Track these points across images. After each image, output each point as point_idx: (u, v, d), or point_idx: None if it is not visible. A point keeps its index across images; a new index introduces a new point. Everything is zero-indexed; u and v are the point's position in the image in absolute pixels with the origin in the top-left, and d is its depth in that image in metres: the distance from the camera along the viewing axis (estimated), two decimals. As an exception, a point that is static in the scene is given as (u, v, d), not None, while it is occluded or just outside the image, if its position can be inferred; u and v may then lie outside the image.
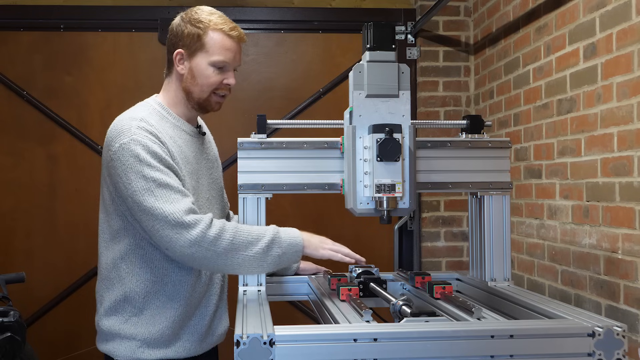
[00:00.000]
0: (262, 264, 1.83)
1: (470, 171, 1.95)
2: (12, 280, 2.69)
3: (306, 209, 3.65)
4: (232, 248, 1.79)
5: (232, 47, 1.95)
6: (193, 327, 1.95)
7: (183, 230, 1.75)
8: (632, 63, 2.09)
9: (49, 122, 3.60)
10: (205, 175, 2.03)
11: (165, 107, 1.98)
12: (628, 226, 2.11)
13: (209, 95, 1.96)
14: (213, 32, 1.92)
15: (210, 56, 1.92)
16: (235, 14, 3.65)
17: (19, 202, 3.56)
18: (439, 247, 3.65)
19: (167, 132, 1.92)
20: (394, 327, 1.44)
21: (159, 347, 1.90)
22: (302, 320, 3.51)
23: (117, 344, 1.92)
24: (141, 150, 1.79)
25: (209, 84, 1.94)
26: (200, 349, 1.97)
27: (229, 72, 1.96)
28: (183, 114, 2.00)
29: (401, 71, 1.75)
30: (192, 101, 1.97)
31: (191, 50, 1.93)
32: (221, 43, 1.93)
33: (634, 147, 2.08)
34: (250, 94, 3.67)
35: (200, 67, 1.93)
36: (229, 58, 1.94)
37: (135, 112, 1.93)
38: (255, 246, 1.80)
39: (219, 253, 1.78)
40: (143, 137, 1.81)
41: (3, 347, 2.30)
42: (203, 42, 1.92)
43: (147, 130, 1.83)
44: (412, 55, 3.67)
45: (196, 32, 1.92)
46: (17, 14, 3.58)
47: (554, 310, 1.58)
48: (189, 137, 2.00)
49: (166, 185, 1.78)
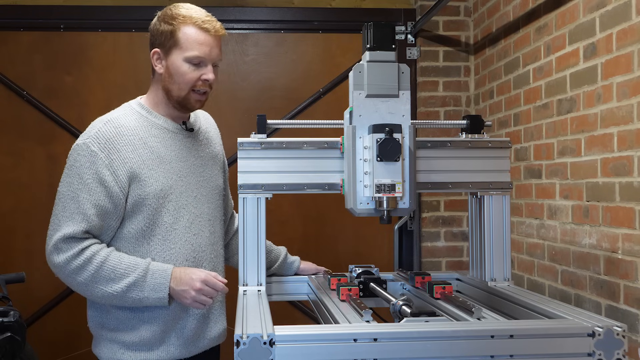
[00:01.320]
0: (123, 302, 1.86)
1: (470, 171, 1.95)
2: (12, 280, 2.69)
3: (306, 209, 3.65)
4: (92, 281, 1.83)
5: (207, 41, 1.90)
6: (179, 331, 1.94)
7: (54, 251, 1.85)
8: (632, 63, 2.09)
9: (49, 122, 3.60)
10: (193, 173, 2.00)
11: (145, 106, 1.98)
12: (628, 226, 2.11)
13: (187, 93, 1.93)
14: (185, 27, 1.89)
15: (184, 52, 1.89)
16: (235, 14, 3.65)
17: (19, 202, 3.56)
18: (439, 247, 3.65)
19: (138, 132, 1.92)
20: (394, 327, 1.44)
21: (140, 349, 1.91)
22: (302, 320, 3.51)
23: (102, 346, 1.95)
24: (84, 158, 1.85)
25: (185, 81, 1.91)
26: (188, 353, 1.96)
27: (206, 68, 1.92)
28: (167, 113, 1.99)
29: (401, 71, 1.75)
30: (172, 100, 1.95)
31: (166, 48, 1.91)
32: (194, 37, 1.89)
33: (634, 147, 2.08)
34: (250, 94, 3.67)
35: (175, 65, 1.90)
36: (204, 52, 1.90)
37: (111, 113, 1.97)
38: (116, 284, 1.82)
39: (79, 283, 1.84)
40: (93, 144, 1.86)
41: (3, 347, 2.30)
42: (176, 39, 1.89)
43: (103, 138, 1.87)
44: (412, 55, 3.67)
45: (169, 29, 1.90)
46: (17, 14, 3.57)
47: (554, 310, 1.58)
48: (172, 135, 1.98)
49: (78, 201, 1.84)
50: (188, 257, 1.95)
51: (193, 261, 1.96)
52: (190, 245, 1.95)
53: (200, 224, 1.99)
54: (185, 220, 1.95)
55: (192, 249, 1.96)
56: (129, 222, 1.89)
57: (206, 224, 2.01)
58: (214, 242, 2.04)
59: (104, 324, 1.94)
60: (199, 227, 1.98)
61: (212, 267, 2.01)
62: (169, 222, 1.92)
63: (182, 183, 1.96)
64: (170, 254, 1.92)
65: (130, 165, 1.87)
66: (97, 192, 1.84)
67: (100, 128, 1.89)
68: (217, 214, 2.09)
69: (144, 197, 1.87)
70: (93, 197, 1.83)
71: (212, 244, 2.03)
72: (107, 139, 1.87)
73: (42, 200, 3.58)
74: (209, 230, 2.02)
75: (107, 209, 1.85)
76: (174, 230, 1.92)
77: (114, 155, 1.86)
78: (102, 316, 1.94)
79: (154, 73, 1.99)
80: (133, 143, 1.89)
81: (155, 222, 1.90)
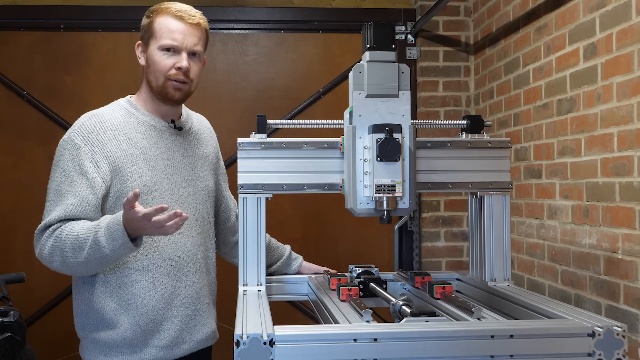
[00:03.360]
0: (99, 267, 1.83)
1: (470, 171, 1.95)
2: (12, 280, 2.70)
3: (306, 209, 3.65)
4: (64, 256, 1.81)
5: (180, 29, 1.93)
6: (162, 332, 1.92)
7: (34, 244, 1.88)
8: (632, 63, 2.09)
9: (49, 122, 3.59)
10: (180, 172, 1.99)
11: (133, 103, 2.01)
12: (628, 226, 2.11)
13: (164, 82, 1.94)
14: (160, 17, 1.94)
15: (158, 41, 1.93)
16: (235, 14, 3.66)
17: (19, 202, 3.56)
18: (439, 247, 3.65)
19: (123, 128, 1.93)
20: (394, 327, 1.44)
21: (121, 352, 1.90)
22: (302, 320, 3.51)
23: (85, 349, 1.95)
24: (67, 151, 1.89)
25: (159, 69, 1.93)
26: (172, 355, 1.94)
27: (179, 55, 1.93)
28: (155, 110, 2.01)
29: (401, 71, 1.75)
30: (153, 91, 1.97)
31: (145, 40, 1.97)
32: (166, 26, 1.93)
33: (634, 147, 2.08)
34: (250, 94, 3.67)
35: (151, 54, 1.95)
36: (177, 40, 1.92)
37: (98, 109, 1.99)
38: (83, 251, 1.78)
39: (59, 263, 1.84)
40: (76, 137, 1.89)
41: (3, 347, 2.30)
42: (152, 29, 1.94)
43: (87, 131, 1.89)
44: (412, 55, 3.67)
45: (147, 21, 1.97)
46: (17, 14, 3.57)
47: (554, 310, 1.58)
48: (159, 132, 1.99)
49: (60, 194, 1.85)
50: (171, 256, 1.94)
51: (177, 261, 1.95)
52: (174, 244, 1.94)
53: (187, 223, 1.96)
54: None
55: (175, 248, 1.95)
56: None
57: (192, 224, 2.00)
58: (200, 243, 2.02)
59: (85, 325, 1.93)
60: (184, 227, 1.96)
61: (197, 268, 2.00)
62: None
63: (167, 181, 1.95)
64: (153, 252, 1.91)
65: (113, 159, 1.88)
66: (79, 184, 1.84)
67: (84, 122, 1.93)
68: (205, 215, 2.07)
69: (126, 192, 1.86)
70: (74, 189, 1.84)
71: (198, 244, 2.01)
72: (91, 132, 1.89)
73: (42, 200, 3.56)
74: (195, 231, 2.01)
75: (88, 200, 1.84)
76: None
77: (97, 148, 1.87)
78: (82, 317, 1.93)
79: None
80: (117, 137, 1.91)
81: None
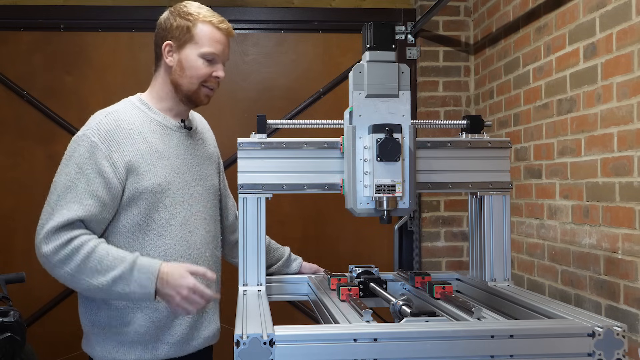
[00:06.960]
0: (108, 295, 1.83)
1: (470, 171, 1.95)
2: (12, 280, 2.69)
3: (306, 209, 3.65)
4: (78, 271, 1.79)
5: (222, 40, 1.97)
6: (175, 329, 1.93)
7: (43, 240, 1.81)
8: (632, 63, 2.09)
9: (49, 122, 3.59)
10: (190, 171, 2.01)
11: (145, 102, 2.00)
12: (628, 226, 2.11)
13: (197, 88, 1.97)
14: (202, 24, 1.95)
15: (199, 48, 1.94)
16: (235, 14, 3.65)
17: (19, 202, 3.56)
18: (439, 247, 3.65)
19: (138, 127, 1.93)
20: (394, 327, 1.44)
21: (134, 347, 1.90)
22: (302, 320, 3.50)
23: (95, 345, 1.94)
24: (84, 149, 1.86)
25: (198, 75, 1.95)
26: (182, 351, 1.95)
27: (217, 65, 1.97)
28: (169, 109, 2.01)
29: (401, 71, 1.75)
30: (180, 94, 1.98)
31: (180, 42, 1.95)
32: (210, 35, 1.95)
33: (634, 147, 2.08)
34: (250, 94, 3.67)
35: (189, 59, 1.94)
36: (219, 50, 1.96)
37: (111, 107, 1.99)
38: (102, 276, 1.78)
39: (65, 273, 1.81)
40: (93, 135, 1.87)
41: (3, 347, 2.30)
42: (192, 34, 1.94)
43: (104, 129, 1.88)
44: (412, 55, 3.67)
45: (185, 24, 1.95)
46: (17, 14, 3.57)
47: (554, 310, 1.58)
48: (170, 132, 1.99)
49: (75, 190, 1.83)
50: (183, 253, 1.95)
51: (188, 258, 1.95)
52: (185, 242, 1.95)
53: (196, 221, 1.99)
54: (181, 217, 1.95)
55: (187, 246, 1.96)
56: (125, 215, 1.89)
57: (201, 222, 2.01)
58: (209, 241, 2.04)
59: (95, 321, 1.93)
60: (194, 225, 1.98)
61: (207, 265, 2.01)
62: (165, 217, 1.92)
63: (179, 180, 1.96)
64: (165, 250, 1.92)
65: (129, 158, 1.87)
66: (96, 183, 1.83)
67: (101, 120, 1.91)
68: (212, 213, 2.09)
69: (141, 190, 1.87)
70: (91, 187, 1.83)
71: (207, 242, 2.03)
72: (108, 131, 1.88)
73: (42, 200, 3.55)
74: (204, 229, 2.02)
75: (104, 200, 1.84)
76: (169, 226, 1.92)
77: (114, 147, 1.87)
78: (92, 314, 1.93)
79: (159, 67, 2.01)
80: (132, 137, 1.90)
81: (151, 217, 1.90)
